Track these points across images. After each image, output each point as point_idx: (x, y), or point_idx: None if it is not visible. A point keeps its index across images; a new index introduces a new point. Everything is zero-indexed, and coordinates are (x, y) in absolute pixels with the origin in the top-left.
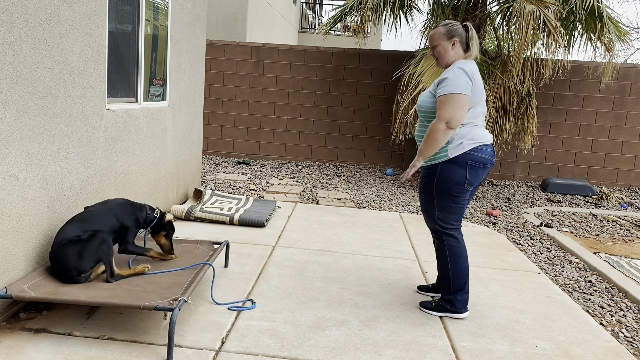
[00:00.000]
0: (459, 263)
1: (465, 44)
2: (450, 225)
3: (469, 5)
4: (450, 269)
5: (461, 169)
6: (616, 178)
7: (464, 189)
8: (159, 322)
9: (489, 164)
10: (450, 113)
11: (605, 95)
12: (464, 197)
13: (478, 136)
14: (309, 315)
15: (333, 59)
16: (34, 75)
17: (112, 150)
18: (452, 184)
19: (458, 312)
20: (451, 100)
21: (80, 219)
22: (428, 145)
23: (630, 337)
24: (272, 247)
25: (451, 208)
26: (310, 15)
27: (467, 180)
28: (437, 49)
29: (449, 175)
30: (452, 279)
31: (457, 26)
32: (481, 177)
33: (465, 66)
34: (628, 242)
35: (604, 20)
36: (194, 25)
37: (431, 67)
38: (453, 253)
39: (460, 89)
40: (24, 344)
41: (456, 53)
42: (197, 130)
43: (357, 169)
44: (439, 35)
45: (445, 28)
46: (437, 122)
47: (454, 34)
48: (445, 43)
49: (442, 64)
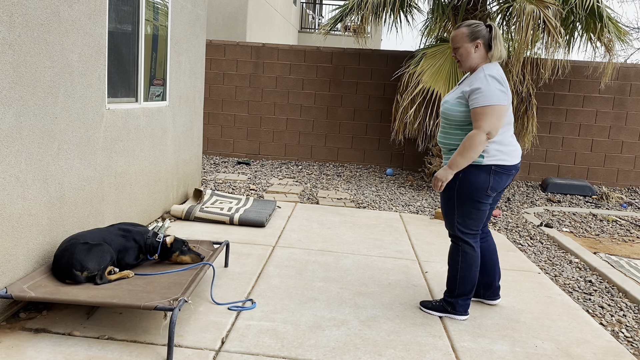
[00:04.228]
0: (470, 271)
1: (488, 45)
2: (469, 231)
3: (469, 5)
4: (460, 274)
5: (485, 174)
6: (616, 178)
7: (486, 195)
8: (159, 322)
9: (513, 170)
10: (492, 124)
11: (605, 95)
12: (485, 202)
13: (509, 143)
14: (309, 315)
15: (333, 59)
16: (34, 75)
17: (112, 150)
18: (474, 190)
19: (459, 315)
20: (490, 112)
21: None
22: (464, 157)
23: (630, 337)
24: (272, 247)
25: (471, 214)
26: (310, 15)
27: (490, 186)
28: (459, 51)
29: (472, 180)
30: (459, 284)
31: (480, 27)
32: (505, 183)
33: (494, 72)
34: (628, 242)
35: (604, 20)
36: (194, 25)
37: (431, 67)
38: (466, 260)
39: (496, 100)
40: (24, 344)
41: (480, 55)
42: (197, 130)
43: (357, 169)
44: (462, 37)
45: (468, 29)
46: (479, 134)
47: (477, 36)
48: (468, 45)
49: (466, 67)
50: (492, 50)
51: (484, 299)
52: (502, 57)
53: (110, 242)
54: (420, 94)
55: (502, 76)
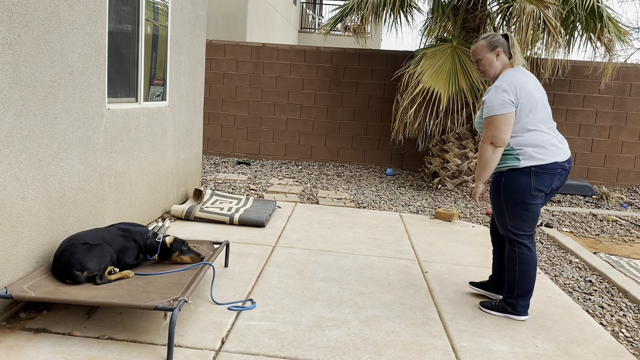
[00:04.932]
0: (529, 271)
1: (508, 52)
2: (522, 232)
3: (469, 5)
4: (518, 275)
5: (525, 176)
6: (616, 178)
7: (532, 196)
8: (159, 322)
9: (558, 169)
10: (492, 133)
11: (605, 95)
12: (533, 203)
13: (545, 143)
14: (309, 315)
15: (333, 59)
16: (34, 75)
17: (112, 150)
18: (518, 192)
19: (519, 315)
20: (490, 123)
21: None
22: (481, 168)
23: (630, 337)
24: (272, 247)
25: (521, 215)
26: (310, 15)
27: (532, 187)
28: (481, 62)
29: (513, 184)
30: (518, 285)
31: (497, 37)
32: (551, 182)
33: (504, 81)
34: (628, 242)
35: (604, 20)
36: (194, 25)
37: (431, 67)
38: (523, 261)
39: (496, 111)
40: (24, 343)
41: (502, 63)
42: (197, 130)
43: (357, 169)
44: (481, 49)
45: (486, 41)
46: (482, 144)
47: (496, 45)
48: (489, 55)
49: (490, 76)
50: (514, 56)
51: (493, 292)
52: (523, 63)
53: (110, 242)
54: (420, 94)
55: (515, 82)
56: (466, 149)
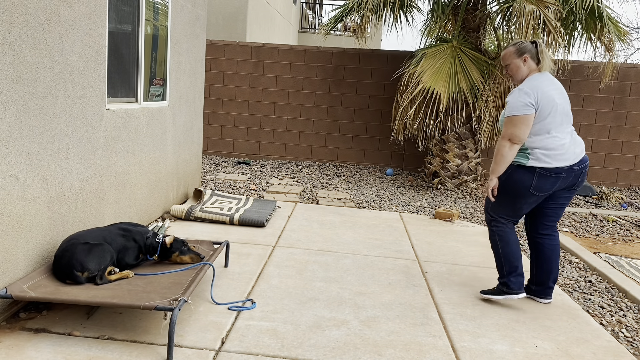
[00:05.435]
0: (509, 246)
1: (536, 57)
2: (497, 216)
3: (469, 5)
4: (501, 252)
5: (529, 174)
6: (616, 178)
7: (530, 193)
8: (159, 322)
9: (563, 173)
10: (510, 131)
11: (605, 95)
12: (526, 200)
13: (556, 148)
14: (309, 315)
15: (333, 58)
16: (34, 75)
17: (112, 150)
18: (517, 186)
19: (515, 293)
20: (510, 122)
21: (87, 232)
22: (497, 163)
23: (630, 337)
24: (272, 247)
25: (506, 203)
26: (310, 15)
27: (533, 185)
28: (510, 67)
29: (515, 178)
30: (504, 262)
31: (525, 43)
32: (554, 184)
33: (527, 85)
34: (628, 242)
35: (604, 20)
36: (194, 25)
37: (431, 67)
38: (502, 238)
39: (516, 112)
40: (24, 343)
41: (528, 68)
42: (197, 130)
43: (357, 169)
44: (510, 54)
45: (514, 47)
46: (500, 141)
47: (524, 51)
48: (516, 60)
49: (517, 80)
50: (542, 62)
51: (535, 295)
52: (551, 68)
53: (110, 241)
54: (420, 94)
55: (537, 86)
56: (466, 149)
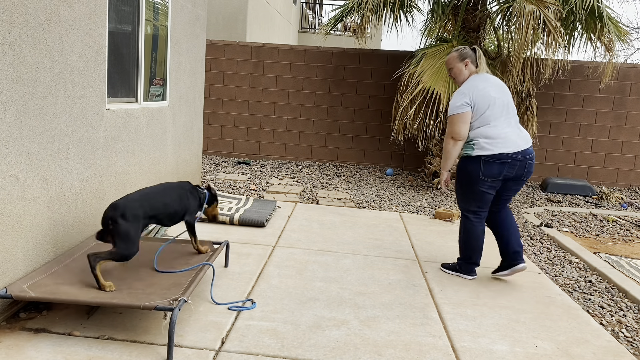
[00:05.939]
0: (468, 238)
1: (475, 62)
2: (467, 207)
3: (469, 5)
4: (461, 240)
5: (475, 163)
6: (616, 178)
7: (481, 180)
8: (159, 322)
9: (508, 160)
10: (451, 129)
11: (605, 95)
12: (483, 187)
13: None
14: (309, 315)
15: (333, 58)
16: (34, 75)
17: (112, 150)
18: (470, 176)
19: (465, 274)
20: (450, 121)
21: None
22: (444, 159)
23: (630, 337)
24: (272, 247)
25: (468, 194)
26: (310, 15)
27: (481, 172)
28: (453, 71)
29: (465, 169)
30: (461, 249)
31: (466, 50)
32: (500, 170)
33: (465, 86)
34: (628, 242)
35: (604, 20)
36: (194, 25)
37: (431, 67)
38: (465, 229)
39: (453, 111)
40: (24, 343)
41: (469, 71)
42: (197, 130)
43: (357, 169)
44: (453, 59)
45: (457, 53)
46: (445, 138)
47: (465, 56)
48: (459, 65)
49: (459, 81)
50: (480, 65)
51: (510, 266)
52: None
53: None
54: (420, 94)
55: (473, 85)
56: None
